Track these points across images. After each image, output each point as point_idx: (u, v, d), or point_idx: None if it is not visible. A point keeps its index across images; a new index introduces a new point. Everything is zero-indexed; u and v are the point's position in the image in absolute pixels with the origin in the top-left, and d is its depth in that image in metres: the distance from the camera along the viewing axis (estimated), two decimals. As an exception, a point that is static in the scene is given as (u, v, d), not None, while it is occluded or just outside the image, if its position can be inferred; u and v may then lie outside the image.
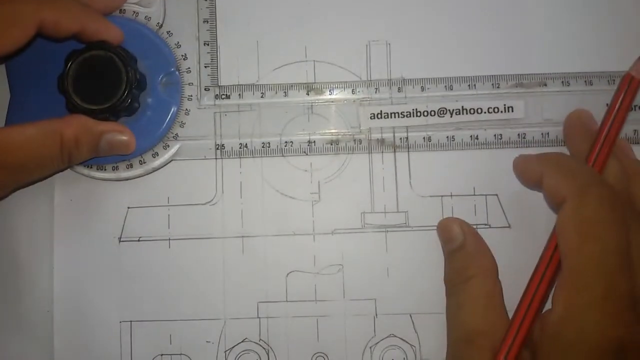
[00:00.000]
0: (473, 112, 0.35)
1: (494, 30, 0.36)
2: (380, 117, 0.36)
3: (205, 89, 0.36)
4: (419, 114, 0.36)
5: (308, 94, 0.36)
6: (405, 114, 0.36)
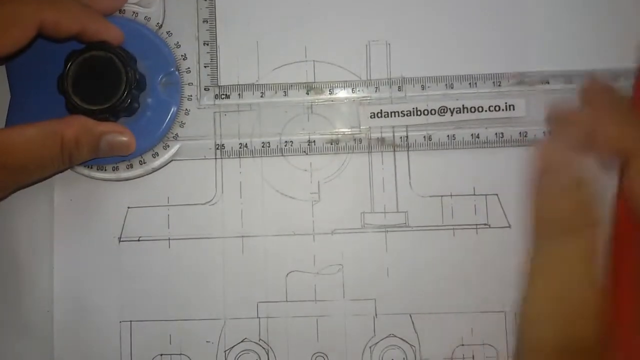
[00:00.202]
0: (474, 110, 0.35)
1: (495, 29, 0.36)
2: (380, 116, 0.35)
3: (205, 89, 0.36)
4: (419, 113, 0.35)
5: (308, 94, 0.36)
6: (406, 113, 0.35)
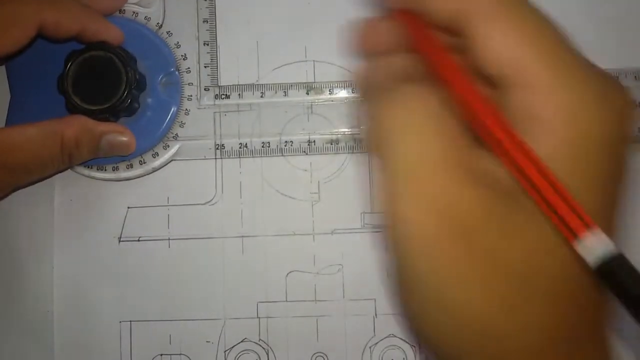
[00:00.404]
0: (473, 111, 0.35)
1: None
2: (380, 116, 0.35)
3: (205, 89, 0.36)
4: (419, 114, 0.35)
5: (308, 94, 0.36)
6: (405, 113, 0.35)
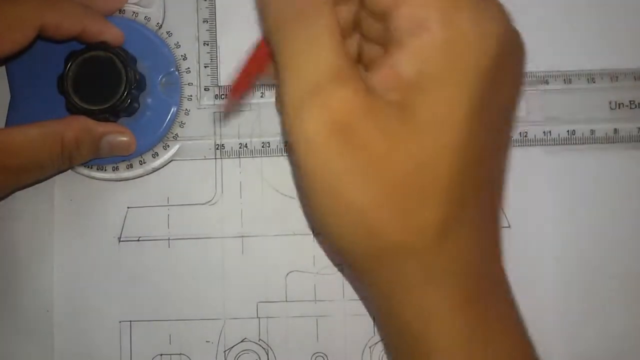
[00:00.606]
0: (474, 110, 0.35)
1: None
2: (380, 116, 0.35)
3: (205, 89, 0.36)
4: (419, 113, 0.35)
5: (308, 94, 0.36)
6: (406, 113, 0.35)
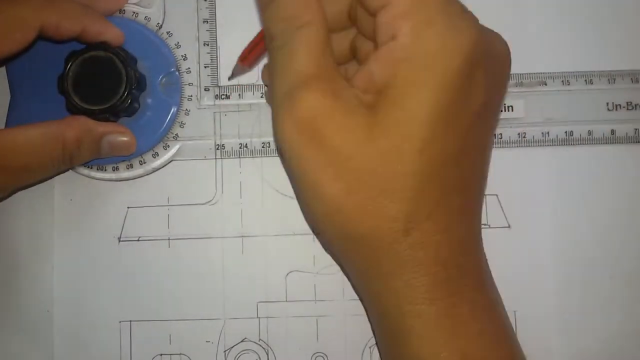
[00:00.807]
0: (473, 111, 0.35)
1: (493, 29, 0.36)
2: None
3: (205, 89, 0.36)
4: (419, 114, 0.35)
5: (308, 94, 0.36)
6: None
